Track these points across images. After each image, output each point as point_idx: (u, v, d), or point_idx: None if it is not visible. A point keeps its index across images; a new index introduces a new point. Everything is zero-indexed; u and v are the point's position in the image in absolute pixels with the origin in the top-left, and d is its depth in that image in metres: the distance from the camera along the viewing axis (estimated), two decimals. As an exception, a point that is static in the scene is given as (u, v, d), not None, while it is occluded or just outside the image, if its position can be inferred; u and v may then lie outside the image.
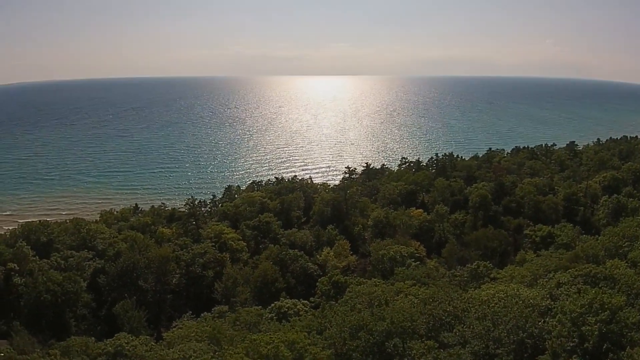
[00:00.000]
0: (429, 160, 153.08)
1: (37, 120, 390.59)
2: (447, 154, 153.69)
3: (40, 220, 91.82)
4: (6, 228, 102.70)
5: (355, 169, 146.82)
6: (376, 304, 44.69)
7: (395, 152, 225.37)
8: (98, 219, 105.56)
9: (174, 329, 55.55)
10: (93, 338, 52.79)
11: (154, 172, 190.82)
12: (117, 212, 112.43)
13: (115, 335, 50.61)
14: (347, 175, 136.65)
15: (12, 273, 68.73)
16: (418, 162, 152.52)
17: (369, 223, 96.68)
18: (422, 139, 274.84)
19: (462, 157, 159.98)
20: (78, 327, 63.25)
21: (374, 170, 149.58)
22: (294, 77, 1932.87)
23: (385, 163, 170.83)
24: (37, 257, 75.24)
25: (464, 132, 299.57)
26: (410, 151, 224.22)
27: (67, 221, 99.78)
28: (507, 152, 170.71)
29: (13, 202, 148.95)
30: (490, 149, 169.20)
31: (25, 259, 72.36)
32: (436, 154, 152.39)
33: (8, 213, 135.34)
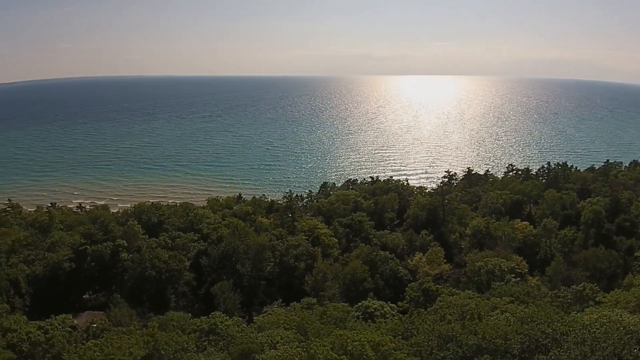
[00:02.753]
0: (539, 169, 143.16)
1: (153, 112, 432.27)
2: (560, 163, 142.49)
3: (152, 202, 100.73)
4: (107, 211, 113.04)
5: (456, 173, 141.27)
6: (468, 317, 42.64)
7: (502, 159, 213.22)
8: (205, 204, 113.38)
9: (264, 314, 57.74)
10: (190, 314, 56.04)
11: (256, 166, 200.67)
12: (222, 199, 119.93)
13: (211, 314, 53.38)
14: (446, 179, 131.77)
15: (120, 249, 75.50)
16: (527, 170, 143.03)
17: (467, 232, 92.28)
18: (532, 145, 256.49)
19: (576, 168, 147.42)
20: (177, 304, 67.93)
21: (477, 176, 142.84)
22: (395, 76, 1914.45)
23: (489, 169, 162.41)
24: (147, 235, 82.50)
25: (581, 141, 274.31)
26: (519, 158, 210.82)
27: (177, 204, 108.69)
28: (626, 166, 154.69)
29: (123, 187, 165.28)
30: (607, 160, 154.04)
31: (134, 236, 79.46)
32: (548, 163, 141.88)
33: (116, 198, 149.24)
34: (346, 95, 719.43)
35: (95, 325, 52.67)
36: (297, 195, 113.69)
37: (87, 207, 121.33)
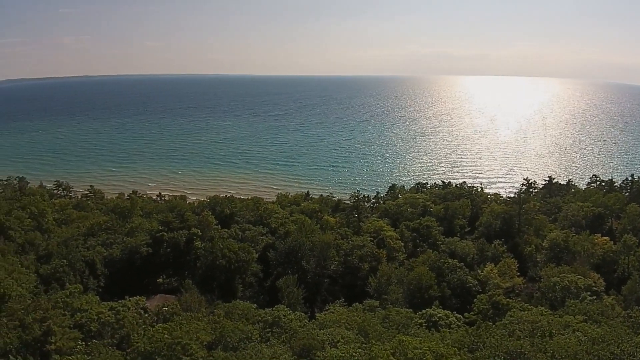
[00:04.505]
0: (623, 182, 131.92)
1: (229, 109, 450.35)
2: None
3: (226, 195, 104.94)
4: (184, 201, 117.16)
5: (535, 182, 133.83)
6: (539, 334, 40.52)
7: (584, 169, 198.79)
8: (274, 200, 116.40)
9: (326, 311, 58.21)
10: (255, 305, 57.85)
11: (324, 166, 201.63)
12: (290, 196, 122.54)
13: (275, 306, 54.86)
14: (524, 187, 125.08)
15: (195, 237, 79.38)
16: (611, 182, 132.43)
17: (543, 244, 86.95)
18: (617, 156, 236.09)
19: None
20: (243, 293, 70.18)
21: (558, 185, 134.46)
22: (473, 76, 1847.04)
23: (571, 179, 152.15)
24: (219, 226, 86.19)
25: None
26: (603, 169, 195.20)
27: (249, 198, 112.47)
28: None
29: (196, 180, 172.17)
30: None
31: (208, 226, 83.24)
32: (632, 175, 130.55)
33: (189, 191, 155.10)
34: (419, 96, 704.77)
35: (166, 308, 54.52)
36: (364, 195, 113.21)
37: (166, 196, 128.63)
